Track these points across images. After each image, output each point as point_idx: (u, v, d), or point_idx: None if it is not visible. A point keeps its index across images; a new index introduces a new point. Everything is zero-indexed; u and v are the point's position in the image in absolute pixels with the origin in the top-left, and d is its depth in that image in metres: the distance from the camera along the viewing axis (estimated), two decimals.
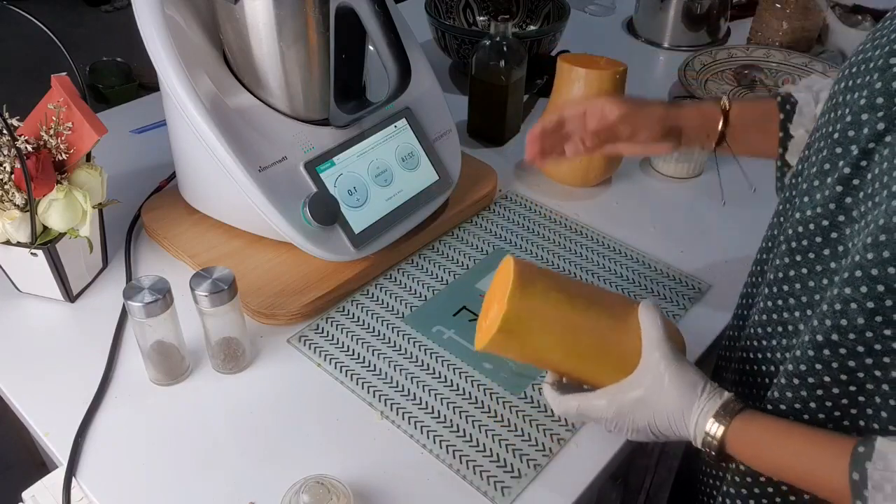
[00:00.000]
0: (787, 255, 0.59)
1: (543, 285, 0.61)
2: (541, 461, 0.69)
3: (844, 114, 0.55)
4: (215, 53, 0.83)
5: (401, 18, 0.90)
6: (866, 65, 0.54)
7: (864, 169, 0.52)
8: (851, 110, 0.54)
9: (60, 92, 0.78)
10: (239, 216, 0.87)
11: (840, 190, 0.54)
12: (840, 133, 0.54)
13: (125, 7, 3.79)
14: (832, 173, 0.55)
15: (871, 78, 0.52)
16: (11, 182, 0.74)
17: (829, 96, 0.58)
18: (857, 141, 0.53)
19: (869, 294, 0.49)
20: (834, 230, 0.55)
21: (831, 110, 0.57)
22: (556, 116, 0.76)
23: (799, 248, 0.58)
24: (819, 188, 0.56)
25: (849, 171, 0.53)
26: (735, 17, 1.54)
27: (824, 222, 0.55)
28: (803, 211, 0.57)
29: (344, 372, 0.77)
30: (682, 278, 0.89)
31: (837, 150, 0.54)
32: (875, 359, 0.52)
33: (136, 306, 0.69)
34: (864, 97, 0.52)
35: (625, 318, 0.61)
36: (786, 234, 0.59)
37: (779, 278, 0.60)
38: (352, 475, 0.67)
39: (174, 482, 0.67)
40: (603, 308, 0.62)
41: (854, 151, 0.53)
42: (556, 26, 1.26)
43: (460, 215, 0.96)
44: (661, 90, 1.31)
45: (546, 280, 0.62)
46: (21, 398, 0.74)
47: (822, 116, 0.59)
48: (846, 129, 0.54)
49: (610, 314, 0.62)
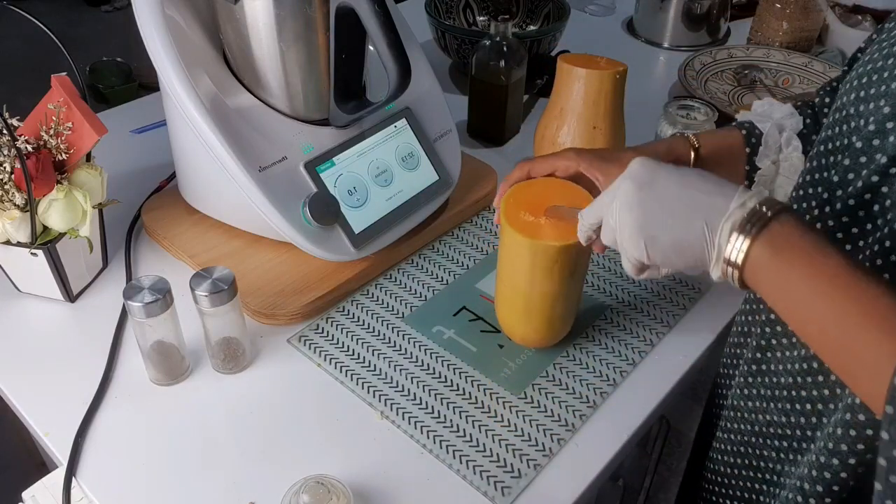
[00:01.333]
0: None
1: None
2: (541, 461, 0.69)
3: (860, 125, 0.54)
4: (215, 53, 0.83)
5: (401, 18, 0.90)
6: (879, 74, 0.54)
7: (893, 176, 0.52)
8: (875, 119, 0.53)
9: (60, 92, 0.78)
10: (239, 216, 0.87)
11: (868, 197, 0.54)
12: (864, 142, 0.54)
13: (125, 7, 3.79)
14: (855, 182, 0.55)
15: (888, 87, 0.52)
16: (11, 182, 0.74)
17: (836, 108, 0.58)
18: (883, 150, 0.52)
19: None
20: (847, 242, 0.55)
21: (842, 122, 0.57)
22: (522, 174, 0.73)
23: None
24: (840, 198, 0.56)
25: (877, 179, 0.53)
26: (735, 17, 1.54)
27: (839, 235, 0.55)
28: (824, 221, 0.57)
29: (344, 372, 0.77)
30: (682, 278, 0.89)
31: (862, 159, 0.54)
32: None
33: (136, 306, 0.69)
34: (890, 105, 0.52)
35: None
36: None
37: None
38: (352, 475, 0.67)
39: (174, 482, 0.67)
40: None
41: (883, 160, 0.52)
42: (556, 26, 1.26)
43: (460, 215, 0.97)
44: (661, 90, 1.31)
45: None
46: (21, 398, 0.74)
47: (828, 129, 0.59)
48: (870, 139, 0.53)
49: None
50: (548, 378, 0.76)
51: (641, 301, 0.86)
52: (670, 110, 1.04)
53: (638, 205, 0.54)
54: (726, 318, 0.84)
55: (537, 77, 1.25)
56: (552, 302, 0.72)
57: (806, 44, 1.39)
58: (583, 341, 0.81)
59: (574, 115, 0.95)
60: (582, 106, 0.94)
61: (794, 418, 0.61)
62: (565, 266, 0.69)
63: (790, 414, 0.61)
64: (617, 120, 0.96)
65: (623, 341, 0.81)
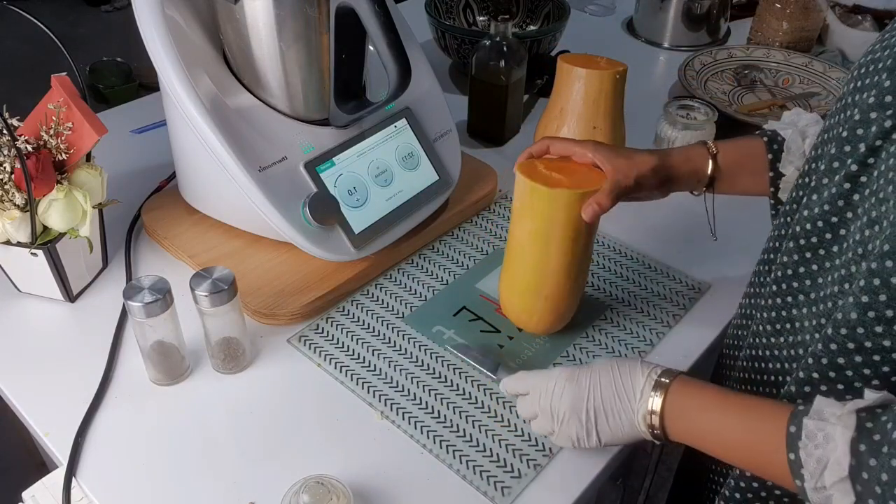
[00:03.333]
0: (796, 252, 0.59)
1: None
2: (541, 461, 0.69)
3: (853, 113, 0.55)
4: (215, 53, 0.83)
5: (401, 18, 0.90)
6: (875, 65, 0.55)
7: (871, 166, 0.53)
8: (860, 109, 0.54)
9: (60, 92, 0.78)
10: (239, 216, 0.87)
11: (848, 187, 0.55)
12: (849, 131, 0.55)
13: (125, 7, 3.79)
14: (840, 171, 0.55)
15: (879, 78, 0.53)
16: (11, 182, 0.74)
17: (839, 98, 0.59)
18: (864, 139, 0.53)
19: (889, 302, 0.49)
20: (842, 227, 0.56)
21: (840, 111, 0.58)
22: (543, 148, 0.75)
23: (808, 244, 0.58)
24: (827, 186, 0.57)
25: (856, 169, 0.54)
26: (735, 17, 1.54)
27: (833, 219, 0.56)
28: (811, 208, 0.58)
29: (344, 372, 0.77)
30: (682, 278, 0.89)
31: (846, 147, 0.55)
32: (893, 367, 0.52)
33: (136, 306, 0.69)
34: (873, 96, 0.53)
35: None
36: (794, 230, 0.60)
37: (787, 275, 0.61)
38: (352, 475, 0.67)
39: (174, 482, 0.67)
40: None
41: (862, 149, 0.53)
42: (556, 26, 1.26)
43: (460, 215, 0.97)
44: (661, 90, 1.31)
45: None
46: (21, 398, 0.74)
47: (831, 118, 0.60)
48: (855, 128, 0.54)
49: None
50: None
51: (641, 301, 0.86)
52: (670, 110, 1.05)
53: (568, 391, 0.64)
54: (726, 319, 0.84)
55: (537, 77, 1.25)
56: (566, 268, 0.73)
57: (806, 44, 1.39)
58: (583, 341, 0.81)
59: (574, 115, 0.95)
60: (582, 106, 0.94)
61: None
62: (581, 223, 0.70)
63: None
64: (617, 120, 0.96)
65: (623, 341, 0.81)
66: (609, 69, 0.93)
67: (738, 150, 0.76)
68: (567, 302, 0.77)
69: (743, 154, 0.76)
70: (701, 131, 1.02)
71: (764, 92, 1.27)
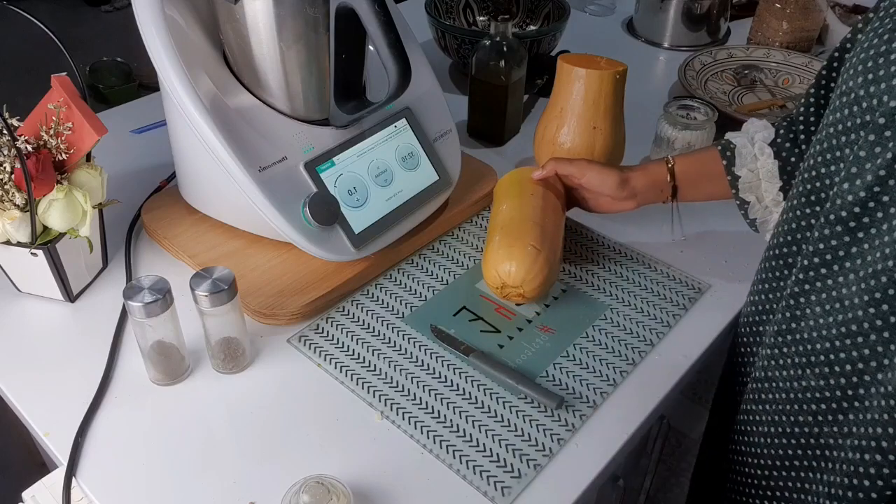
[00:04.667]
0: (839, 224, 0.61)
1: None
2: (541, 461, 0.69)
3: (874, 104, 0.57)
4: (215, 53, 0.83)
5: (401, 18, 0.90)
6: (885, 57, 0.57)
7: None
8: (891, 96, 0.56)
9: (60, 92, 0.78)
10: (239, 216, 0.87)
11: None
12: (888, 117, 0.57)
13: (125, 7, 3.79)
14: (884, 154, 0.57)
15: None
16: (11, 182, 0.74)
17: (842, 92, 0.62)
18: None
19: None
20: (892, 205, 0.58)
21: (852, 104, 0.60)
22: (552, 170, 0.89)
23: (850, 216, 0.60)
24: (870, 170, 0.58)
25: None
26: (735, 17, 1.54)
27: (884, 197, 0.58)
28: (853, 192, 0.60)
29: (344, 372, 0.77)
30: (682, 278, 0.89)
31: (887, 133, 0.57)
32: None
33: (136, 306, 0.69)
34: None
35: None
36: (833, 206, 0.61)
37: (821, 249, 0.63)
38: (352, 475, 0.67)
39: (174, 482, 0.67)
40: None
41: None
42: (556, 26, 1.26)
43: (460, 215, 0.97)
44: (661, 90, 1.31)
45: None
46: (21, 398, 0.74)
47: (836, 112, 0.62)
48: (893, 113, 0.56)
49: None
50: (548, 378, 0.77)
51: (641, 301, 0.86)
52: (670, 110, 1.04)
53: None
54: (726, 319, 0.84)
55: (537, 77, 1.25)
56: (541, 214, 0.83)
57: (806, 44, 1.39)
58: (583, 341, 0.81)
59: (574, 115, 0.95)
60: (582, 106, 0.94)
61: (833, 380, 0.64)
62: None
63: (829, 377, 0.64)
64: (617, 120, 0.96)
65: (623, 341, 0.81)
66: (609, 69, 0.93)
67: (694, 160, 0.86)
68: (549, 247, 0.81)
69: (698, 163, 0.86)
70: (701, 131, 1.02)
71: (764, 92, 1.27)
